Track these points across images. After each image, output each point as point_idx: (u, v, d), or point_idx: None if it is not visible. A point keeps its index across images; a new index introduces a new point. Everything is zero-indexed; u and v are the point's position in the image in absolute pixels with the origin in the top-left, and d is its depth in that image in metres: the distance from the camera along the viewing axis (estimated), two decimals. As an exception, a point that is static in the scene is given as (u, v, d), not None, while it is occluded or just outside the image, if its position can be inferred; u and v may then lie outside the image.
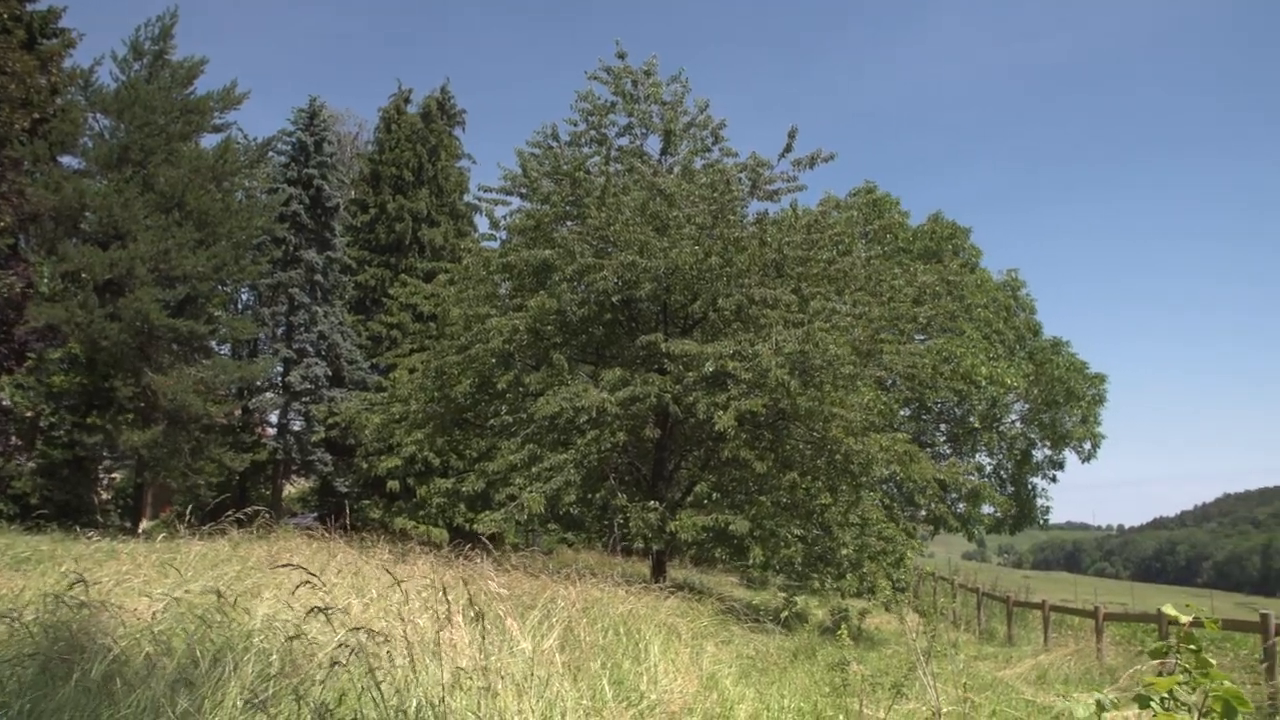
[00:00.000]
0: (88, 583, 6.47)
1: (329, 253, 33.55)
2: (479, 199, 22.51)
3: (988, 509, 36.45)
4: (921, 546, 31.99)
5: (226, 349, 32.46)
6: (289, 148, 34.34)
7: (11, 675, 4.92)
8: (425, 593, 7.46)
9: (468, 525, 29.54)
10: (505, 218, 21.34)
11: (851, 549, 18.57)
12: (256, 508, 12.43)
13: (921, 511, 31.68)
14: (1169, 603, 3.19)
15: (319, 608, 5.35)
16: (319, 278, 32.97)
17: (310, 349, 32.30)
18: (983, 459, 39.40)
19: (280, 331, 32.81)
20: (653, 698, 6.19)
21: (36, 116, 24.57)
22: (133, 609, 6.33)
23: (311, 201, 33.40)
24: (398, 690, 4.84)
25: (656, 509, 17.33)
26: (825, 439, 18.14)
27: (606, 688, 5.86)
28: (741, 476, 19.10)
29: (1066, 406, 37.65)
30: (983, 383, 32.76)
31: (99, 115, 26.20)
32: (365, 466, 30.55)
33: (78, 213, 24.40)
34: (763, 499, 18.27)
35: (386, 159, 37.19)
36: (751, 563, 17.80)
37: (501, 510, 16.80)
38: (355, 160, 45.75)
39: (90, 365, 25.05)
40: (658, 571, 19.36)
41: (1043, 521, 43.11)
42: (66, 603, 5.94)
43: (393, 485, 30.99)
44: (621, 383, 16.96)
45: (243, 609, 6.19)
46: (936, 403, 36.25)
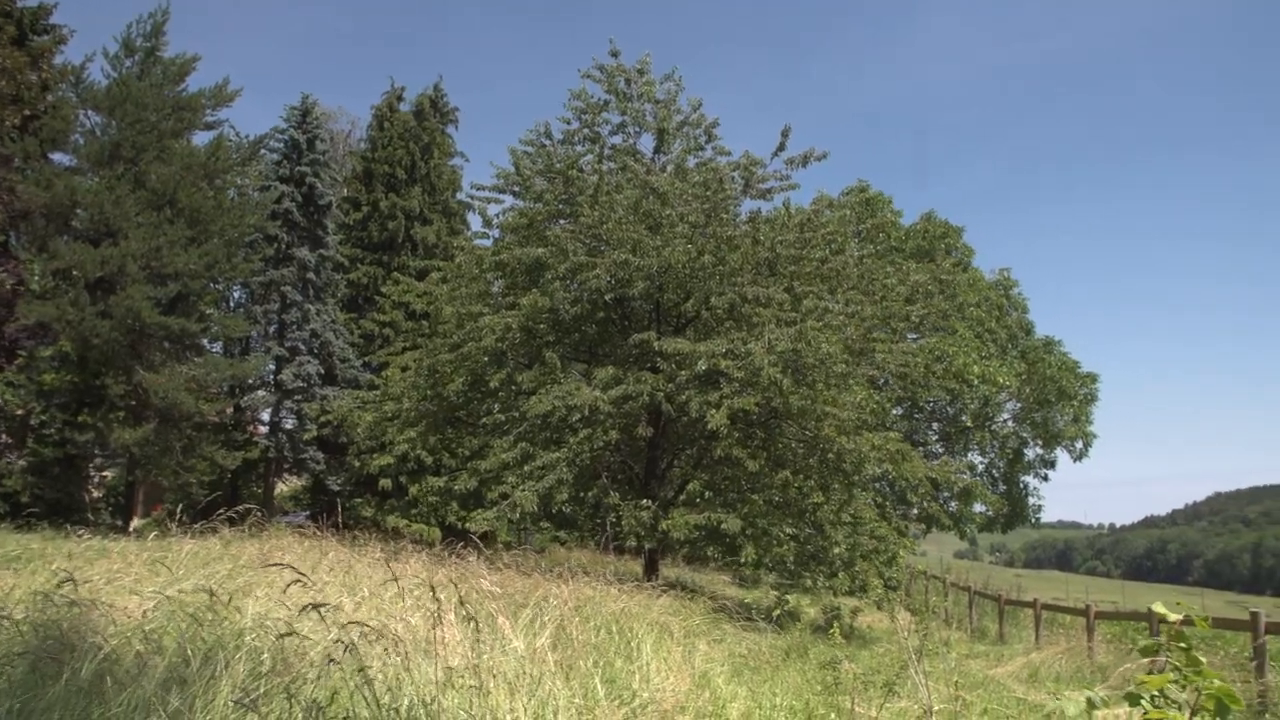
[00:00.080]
0: (78, 581, 6.45)
1: (321, 250, 33.45)
2: (472, 197, 22.54)
3: (980, 508, 36.55)
4: (913, 545, 32.02)
5: (218, 347, 32.37)
6: (281, 145, 34.21)
7: (1, 674, 4.90)
8: (417, 591, 7.45)
9: (460, 524, 29.49)
10: (498, 216, 21.34)
11: (843, 548, 18.60)
12: (248, 506, 12.40)
13: (914, 510, 31.72)
14: (1159, 601, 3.19)
15: (314, 604, 5.34)
16: (311, 275, 32.87)
17: (302, 347, 32.20)
18: (975, 458, 39.52)
19: (272, 329, 32.70)
20: (645, 696, 6.19)
21: (27, 113, 24.48)
22: (124, 607, 6.31)
23: (304, 199, 33.29)
24: (390, 689, 4.83)
25: (649, 507, 17.34)
26: (817, 438, 18.17)
27: (599, 686, 5.86)
28: (734, 475, 19.11)
29: (1058, 405, 37.74)
30: (975, 382, 32.81)
31: (90, 112, 26.07)
32: (357, 465, 30.49)
33: (69, 210, 24.29)
34: (755, 497, 18.28)
35: (379, 157, 37.09)
36: (744, 561, 17.78)
37: (494, 509, 16.81)
38: (348, 158, 45.64)
39: (81, 363, 24.93)
40: (650, 570, 19.37)
41: (1034, 520, 43.24)
42: (56, 601, 5.93)
43: (385, 484, 30.94)
44: (614, 381, 16.98)
45: (234, 607, 6.18)
46: (929, 401, 36.32)
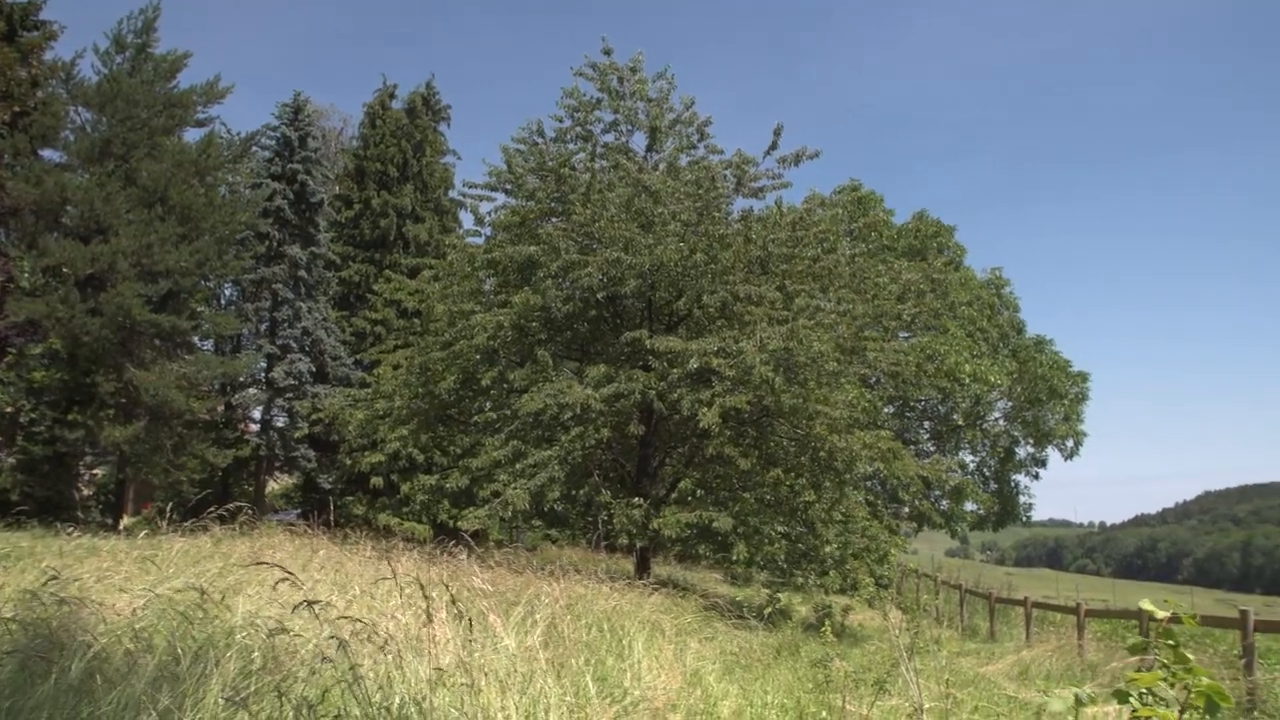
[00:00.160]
0: (67, 579, 6.43)
1: (313, 248, 33.40)
2: (464, 195, 22.46)
3: (971, 506, 36.68)
4: (904, 543, 32.13)
5: (209, 344, 32.30)
6: (273, 143, 34.16)
7: (-10, 673, 4.88)
8: (409, 589, 7.44)
9: (452, 522, 29.48)
10: (490, 214, 21.30)
11: (835, 546, 18.64)
12: (239, 504, 12.38)
13: (905, 508, 31.81)
14: (1147, 599, 3.21)
15: (307, 601, 5.33)
16: (303, 273, 32.81)
17: (294, 345, 32.15)
18: (966, 456, 39.63)
19: (264, 327, 32.64)
20: (636, 694, 6.19)
21: (17, 109, 24.36)
22: (113, 606, 6.29)
23: (295, 197, 33.23)
24: (381, 687, 4.82)
25: (640, 506, 17.34)
26: (809, 436, 18.19)
27: (590, 684, 5.86)
28: (725, 473, 19.11)
29: (1049, 404, 37.84)
30: (966, 380, 32.89)
31: (80, 108, 25.98)
32: (349, 463, 30.45)
33: (59, 207, 24.20)
34: (746, 496, 18.28)
35: (371, 154, 37.03)
36: (735, 559, 17.81)
37: (485, 507, 16.79)
38: (340, 156, 45.57)
39: (71, 361, 24.86)
40: (641, 568, 19.36)
41: (1025, 519, 43.36)
42: (45, 600, 5.90)
43: (376, 481, 30.92)
44: (606, 379, 16.97)
45: (225, 605, 6.16)
46: (920, 400, 36.39)
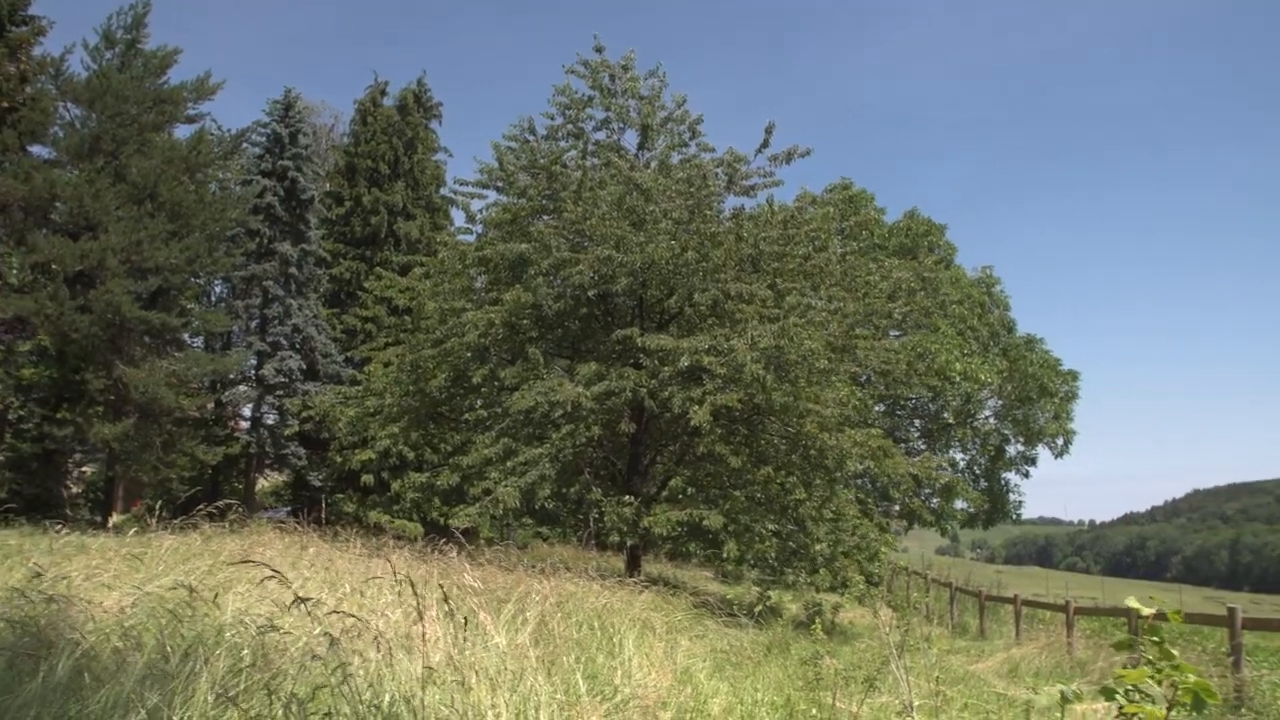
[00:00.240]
0: (56, 577, 6.41)
1: (304, 245, 33.29)
2: (455, 192, 22.45)
3: (961, 504, 36.76)
4: (895, 542, 32.21)
5: (199, 342, 32.16)
6: (264, 139, 34.04)
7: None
8: (399, 587, 7.44)
9: (443, 520, 29.41)
10: (481, 211, 21.28)
11: (825, 544, 18.65)
12: (229, 501, 12.35)
13: (895, 506, 31.86)
14: (1133, 596, 3.22)
15: (298, 599, 5.33)
16: (293, 270, 32.72)
17: (284, 342, 32.05)
18: (956, 454, 39.74)
19: (254, 324, 32.54)
20: (627, 692, 6.20)
21: (5, 105, 24.22)
22: (102, 604, 6.27)
23: (286, 194, 33.12)
24: (371, 685, 4.82)
25: (631, 504, 17.35)
26: (800, 434, 18.22)
27: (580, 682, 5.86)
28: (716, 471, 19.13)
29: (1039, 403, 37.97)
30: (957, 379, 32.98)
31: (70, 104, 25.86)
32: (339, 460, 30.40)
33: (48, 203, 24.09)
34: (737, 494, 18.30)
35: (362, 151, 36.91)
36: (726, 557, 17.81)
37: (476, 505, 16.77)
38: (330, 153, 45.39)
39: (60, 358, 24.76)
40: (632, 566, 19.36)
41: (1015, 516, 43.52)
42: (33, 598, 5.88)
43: (367, 479, 30.85)
44: (597, 377, 16.97)
45: (214, 603, 6.15)
46: (911, 398, 36.47)
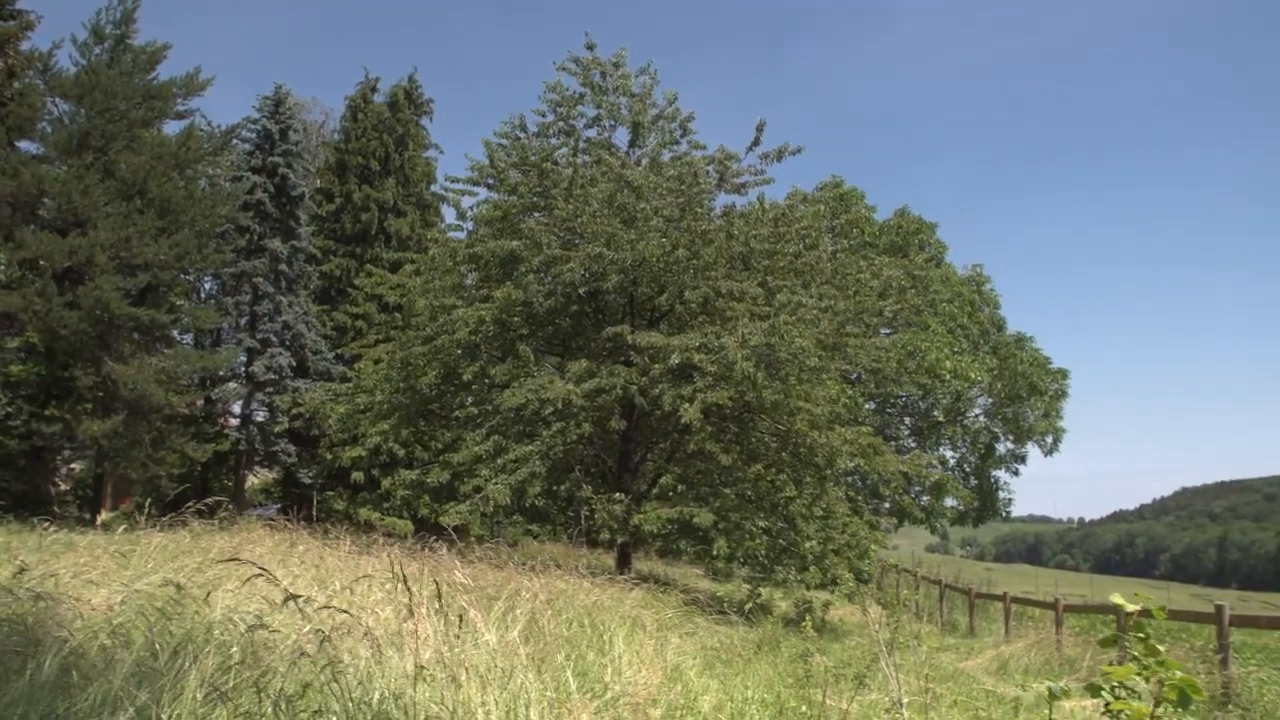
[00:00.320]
0: (43, 574, 6.38)
1: (294, 242, 33.21)
2: (446, 189, 22.40)
3: (951, 502, 36.85)
4: (885, 539, 32.24)
5: (189, 338, 32.05)
6: (254, 135, 33.93)
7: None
8: (389, 584, 7.42)
9: (433, 517, 29.38)
10: (472, 208, 21.25)
11: (815, 542, 18.68)
12: (218, 499, 12.29)
13: (886, 504, 31.93)
14: (1118, 593, 3.23)
15: (289, 596, 5.32)
16: (283, 267, 32.63)
17: (274, 339, 31.98)
18: (946, 452, 39.82)
19: (244, 321, 32.45)
20: (617, 689, 6.19)
21: (-7, 100, 24.16)
22: (90, 601, 6.24)
23: (276, 190, 33.03)
24: (361, 682, 4.81)
25: (622, 501, 17.35)
26: (790, 432, 18.24)
27: (571, 679, 5.86)
28: (707, 469, 19.15)
29: (1029, 401, 38.06)
30: (947, 377, 33.04)
31: (58, 100, 25.74)
32: (329, 457, 30.35)
33: (36, 199, 23.98)
34: (727, 491, 18.32)
35: (353, 148, 36.84)
36: (716, 555, 17.83)
37: (467, 502, 16.75)
38: (321, 149, 45.27)
39: (49, 354, 24.66)
40: (622, 563, 19.37)
41: (1005, 514, 43.59)
42: (20, 596, 5.85)
43: (357, 476, 30.81)
44: (587, 374, 16.96)
45: (203, 601, 6.13)
46: (901, 396, 36.53)
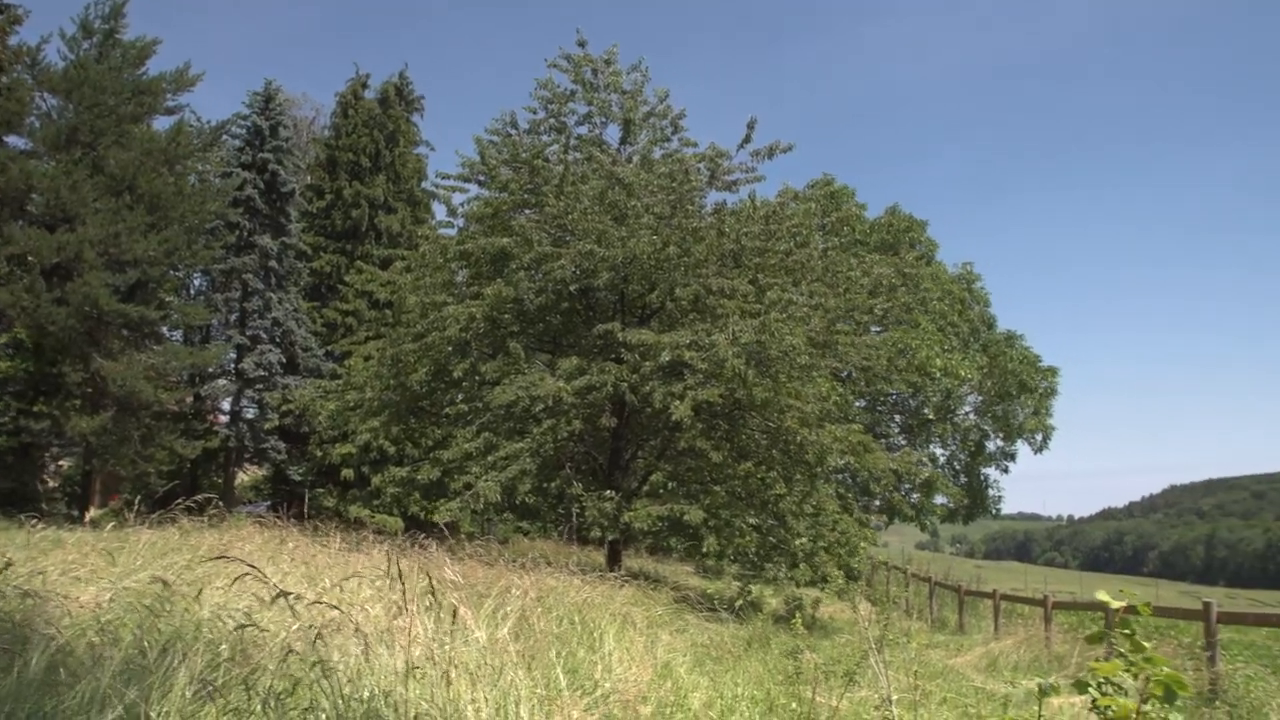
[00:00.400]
0: (30, 571, 6.35)
1: (284, 238, 33.14)
2: (437, 186, 22.34)
3: (941, 499, 36.89)
4: (874, 537, 32.30)
5: (178, 335, 31.99)
6: (244, 132, 33.86)
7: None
8: (379, 582, 7.41)
9: (423, 514, 29.38)
10: (463, 205, 21.20)
11: (805, 539, 18.70)
12: (207, 496, 12.25)
13: (876, 501, 31.98)
14: (1103, 589, 3.25)
15: (280, 593, 5.30)
16: (273, 264, 32.57)
17: (264, 335, 31.93)
18: (936, 450, 39.86)
19: (233, 318, 32.40)
20: (607, 686, 6.19)
21: (-19, 95, 24.02)
22: (78, 599, 6.22)
23: (266, 186, 32.96)
24: (350, 679, 4.80)
25: (612, 498, 17.34)
26: (780, 429, 18.25)
27: (561, 676, 5.85)
28: (697, 466, 19.16)
29: (1019, 399, 38.15)
30: (937, 375, 33.08)
31: (46, 95, 25.62)
32: (319, 454, 30.32)
33: (24, 194, 23.87)
34: (717, 489, 18.33)
35: (343, 144, 36.76)
36: (706, 552, 17.84)
37: (457, 499, 16.74)
38: (311, 145, 45.15)
39: (37, 350, 24.55)
40: (613, 561, 19.37)
41: (995, 512, 43.67)
42: (7, 593, 5.83)
43: (347, 474, 30.77)
44: (578, 371, 16.95)
45: (192, 598, 6.11)
46: (891, 394, 36.56)
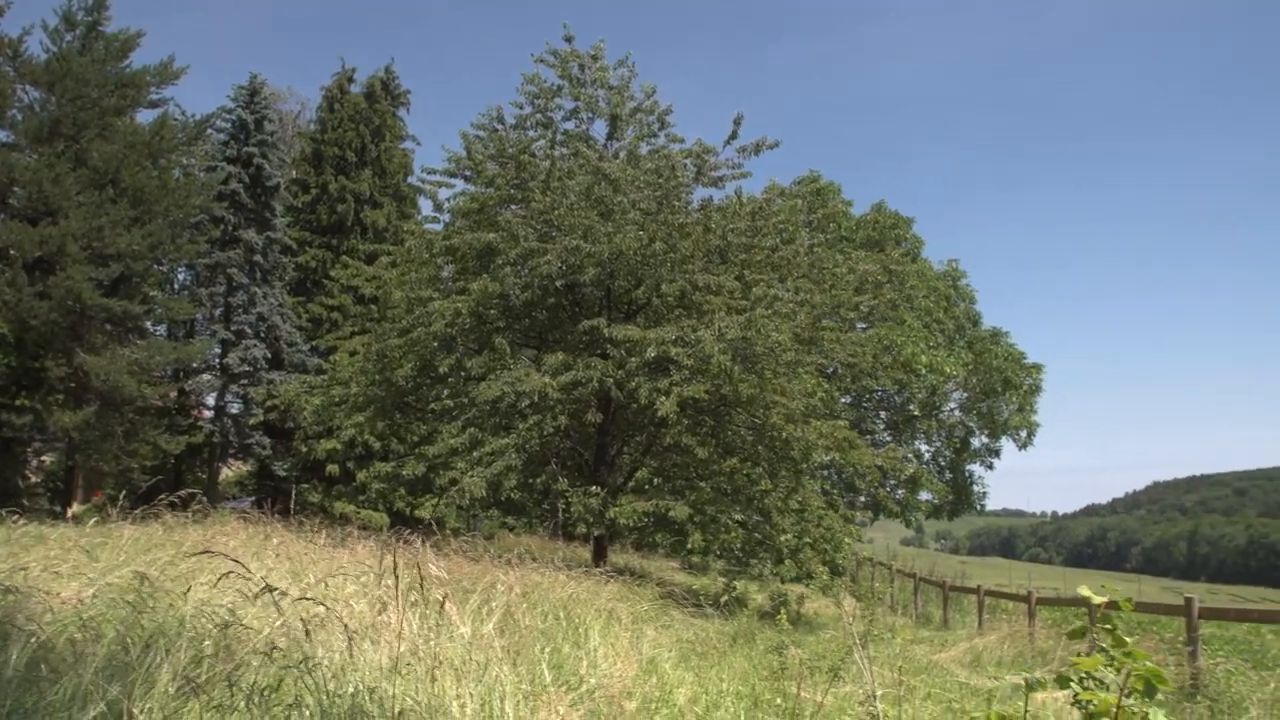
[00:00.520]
0: (11, 567, 6.31)
1: (269, 233, 32.99)
2: (422, 181, 22.33)
3: (926, 495, 37.03)
4: (859, 533, 32.40)
5: (162, 329, 31.83)
6: (229, 125, 33.66)
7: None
8: (364, 577, 7.40)
9: (409, 510, 29.33)
10: (449, 200, 21.18)
11: (791, 535, 18.73)
12: (191, 491, 12.20)
13: (861, 497, 32.07)
14: (1085, 585, 3.26)
15: (266, 588, 5.28)
16: (258, 258, 32.42)
17: (249, 330, 31.78)
18: (922, 446, 39.99)
19: (218, 312, 32.25)
20: (592, 682, 6.20)
21: (-39, 87, 23.82)
22: (60, 595, 6.18)
23: (251, 180, 32.80)
24: (335, 675, 4.79)
25: (598, 494, 17.35)
26: (766, 425, 18.28)
27: (546, 672, 5.85)
28: (683, 462, 19.18)
29: (1004, 395, 38.30)
30: (922, 371, 33.18)
31: (28, 87, 25.41)
32: (304, 450, 30.21)
33: (6, 188, 23.70)
34: (703, 485, 18.36)
35: (328, 139, 36.59)
36: (692, 548, 17.88)
37: (442, 495, 16.72)
38: (296, 139, 44.91)
39: (19, 345, 24.37)
40: (598, 556, 19.39)
41: (979, 508, 43.87)
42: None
43: (332, 469, 30.69)
44: (564, 367, 16.94)
45: (176, 594, 6.08)
46: (877, 390, 36.66)
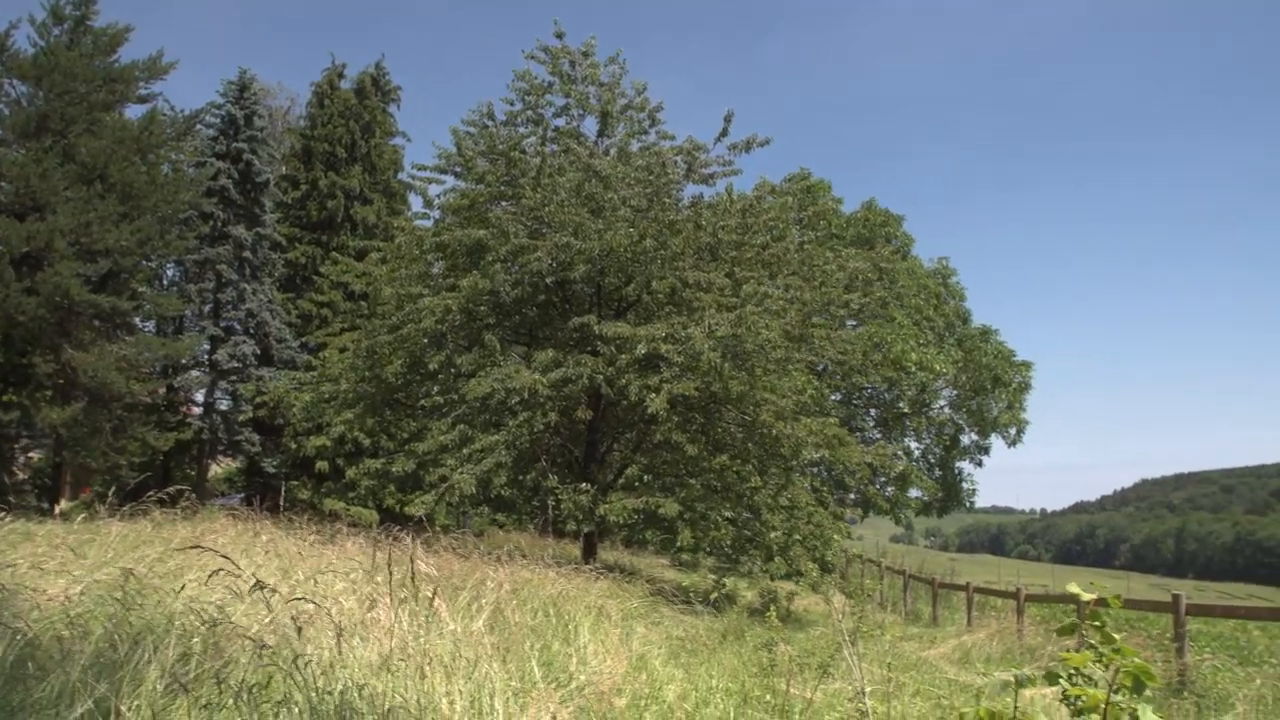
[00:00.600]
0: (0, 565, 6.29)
1: (258, 229, 32.86)
2: (413, 177, 22.28)
3: (915, 493, 37.11)
4: (849, 530, 32.45)
5: (151, 326, 31.65)
6: (218, 121, 33.49)
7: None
8: (353, 574, 7.39)
9: (398, 507, 29.26)
10: (439, 197, 21.15)
11: (780, 532, 18.76)
12: (180, 488, 12.17)
13: (851, 495, 32.11)
14: (1074, 582, 3.28)
15: (257, 584, 5.28)
16: (248, 254, 32.30)
17: (238, 327, 31.68)
18: (911, 443, 40.07)
19: (207, 309, 32.11)
20: (582, 678, 6.20)
21: (-53, 82, 23.67)
22: (47, 592, 6.16)
23: (241, 176, 32.66)
24: (324, 672, 4.78)
25: (588, 491, 17.35)
26: (756, 422, 18.31)
27: (536, 669, 5.86)
28: (673, 459, 19.18)
29: (993, 393, 38.36)
30: (912, 369, 33.24)
31: (15, 81, 25.23)
32: (294, 446, 30.11)
33: (-8, 183, 23.58)
34: (693, 482, 18.37)
35: (319, 135, 36.48)
36: (681, 545, 17.88)
37: (432, 492, 16.70)
38: (286, 135, 44.76)
39: (6, 341, 24.23)
40: (588, 553, 19.40)
41: (969, 505, 43.98)
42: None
43: (322, 466, 30.60)
44: (554, 364, 16.94)
45: (165, 591, 6.07)
46: (867, 388, 36.71)
